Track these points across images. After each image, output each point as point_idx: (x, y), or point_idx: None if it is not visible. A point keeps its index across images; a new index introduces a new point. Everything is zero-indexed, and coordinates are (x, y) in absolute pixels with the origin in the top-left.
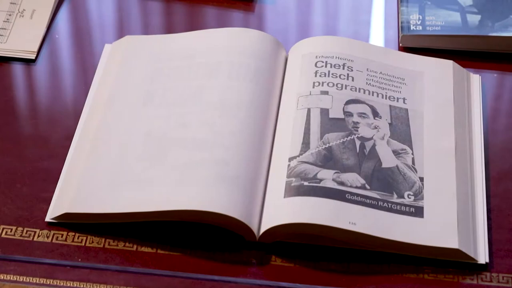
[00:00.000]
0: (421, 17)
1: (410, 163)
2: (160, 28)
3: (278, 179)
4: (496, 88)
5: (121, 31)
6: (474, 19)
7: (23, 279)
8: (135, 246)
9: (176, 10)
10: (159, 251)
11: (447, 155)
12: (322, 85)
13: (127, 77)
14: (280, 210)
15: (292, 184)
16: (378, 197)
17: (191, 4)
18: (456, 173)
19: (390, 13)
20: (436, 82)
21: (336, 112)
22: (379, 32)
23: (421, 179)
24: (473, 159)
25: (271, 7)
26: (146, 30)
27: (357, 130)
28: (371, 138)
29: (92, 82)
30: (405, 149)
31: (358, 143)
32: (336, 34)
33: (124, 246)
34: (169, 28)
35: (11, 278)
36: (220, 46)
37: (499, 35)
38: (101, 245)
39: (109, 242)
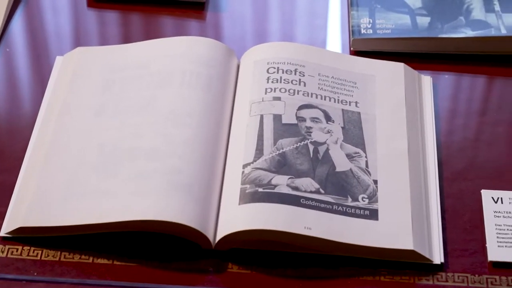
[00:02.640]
0: (371, 21)
1: (363, 166)
2: (116, 38)
3: (232, 186)
4: (448, 89)
5: (77, 43)
6: (424, 21)
7: None
8: (91, 258)
9: (132, 20)
10: (115, 262)
11: (400, 157)
12: (275, 91)
13: (79, 89)
14: (235, 217)
15: (247, 191)
16: (332, 201)
17: (147, 14)
18: (409, 174)
19: (345, 17)
20: (387, 84)
21: (289, 118)
22: (335, 37)
23: (375, 181)
24: (426, 160)
25: (227, 15)
26: (103, 40)
27: (310, 135)
28: (324, 143)
29: (44, 95)
30: (358, 153)
31: (311, 147)
32: (293, 40)
33: (80, 258)
34: (126, 38)
35: None
36: (172, 55)
37: (449, 37)
38: (57, 258)
39: (64, 255)
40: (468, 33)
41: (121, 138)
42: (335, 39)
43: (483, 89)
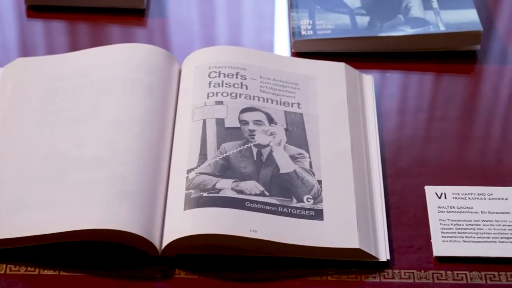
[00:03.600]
0: (311, 22)
1: (307, 167)
2: (64, 48)
3: (177, 192)
4: (389, 87)
5: (22, 54)
6: (363, 20)
7: None
8: (37, 270)
9: (73, 29)
10: (62, 273)
11: (343, 156)
12: (217, 95)
13: (21, 100)
14: (180, 223)
15: (192, 196)
16: (277, 203)
17: (88, 22)
18: (353, 173)
19: None
20: (329, 85)
21: (231, 121)
22: (282, 39)
23: (319, 182)
24: (369, 158)
25: (170, 20)
26: (49, 50)
27: (253, 138)
28: (268, 145)
29: None
30: (302, 154)
31: (255, 150)
32: (239, 43)
33: (26, 270)
34: (73, 47)
35: None
36: (112, 63)
37: (388, 35)
38: (3, 271)
39: (10, 268)
40: (407, 31)
41: (65, 148)
42: (282, 41)
43: (425, 86)
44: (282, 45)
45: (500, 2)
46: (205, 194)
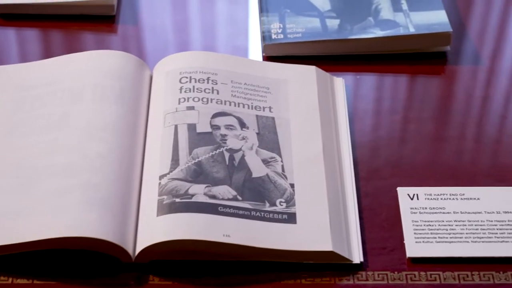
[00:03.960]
0: (281, 26)
1: (280, 170)
2: (35, 56)
3: (150, 198)
4: (360, 89)
5: None
6: (333, 23)
7: None
8: (10, 279)
9: (50, 37)
10: (35, 281)
11: (315, 159)
12: (188, 101)
13: None
14: (153, 229)
15: (164, 202)
16: (250, 207)
17: (64, 30)
18: (325, 176)
19: None
20: (300, 88)
21: (203, 127)
22: (256, 43)
23: (292, 185)
24: (342, 161)
25: (141, 27)
26: (22, 58)
27: (225, 143)
28: (240, 149)
29: None
30: (274, 157)
31: (227, 155)
32: (213, 49)
33: None
34: (45, 55)
35: None
36: (83, 69)
37: (358, 38)
38: None
39: None
40: (378, 33)
41: (36, 156)
42: (256, 46)
43: (397, 88)
44: (256, 50)
45: (470, 4)
46: (177, 200)
